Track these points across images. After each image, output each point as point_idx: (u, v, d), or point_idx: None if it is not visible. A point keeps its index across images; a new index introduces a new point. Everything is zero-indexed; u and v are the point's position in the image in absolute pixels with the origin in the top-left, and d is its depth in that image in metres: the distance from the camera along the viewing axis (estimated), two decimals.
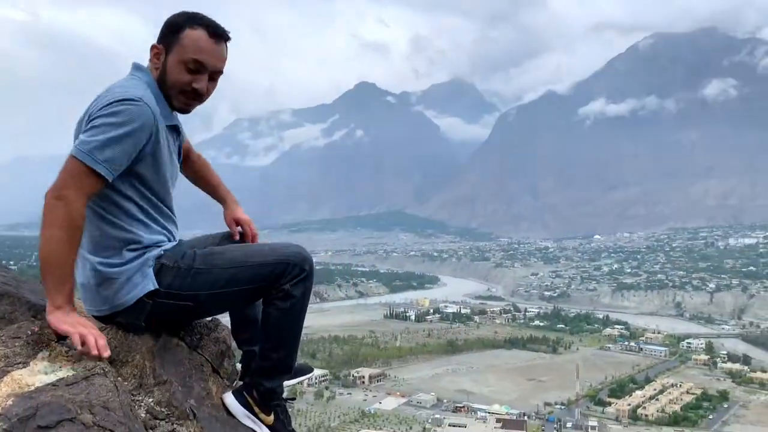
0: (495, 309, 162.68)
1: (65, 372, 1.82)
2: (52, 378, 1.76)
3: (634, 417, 78.98)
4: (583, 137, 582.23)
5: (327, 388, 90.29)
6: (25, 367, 1.80)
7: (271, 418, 2.25)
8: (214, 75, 2.28)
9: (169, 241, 2.33)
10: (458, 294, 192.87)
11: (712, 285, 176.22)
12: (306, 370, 2.50)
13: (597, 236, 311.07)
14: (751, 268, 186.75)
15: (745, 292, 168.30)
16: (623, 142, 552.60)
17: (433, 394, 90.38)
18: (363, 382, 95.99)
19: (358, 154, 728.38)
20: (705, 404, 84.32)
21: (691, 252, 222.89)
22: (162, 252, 2.27)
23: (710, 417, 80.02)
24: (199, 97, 2.27)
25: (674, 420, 76.43)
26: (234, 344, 2.77)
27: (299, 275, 2.21)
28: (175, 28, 2.22)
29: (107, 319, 2.27)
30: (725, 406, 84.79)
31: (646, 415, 78.87)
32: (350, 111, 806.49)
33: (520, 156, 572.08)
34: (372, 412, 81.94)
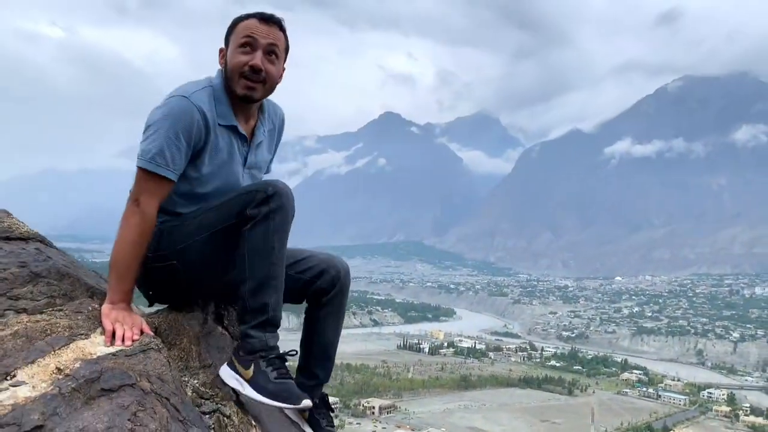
0: (511, 346, 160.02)
1: (120, 346, 1.96)
2: (109, 349, 1.90)
3: None
4: (608, 177, 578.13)
5: (336, 416, 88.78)
6: (86, 338, 1.93)
7: (250, 371, 2.16)
8: (271, 51, 2.34)
9: None
10: (474, 328, 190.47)
11: (736, 334, 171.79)
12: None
13: (618, 278, 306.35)
14: None
15: None
16: (649, 183, 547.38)
17: (443, 429, 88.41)
18: (373, 413, 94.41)
19: (380, 183, 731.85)
20: None
21: (715, 299, 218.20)
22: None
23: None
24: (257, 74, 2.31)
25: None
26: None
27: (261, 198, 2.16)
28: (231, 26, 2.38)
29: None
30: None
31: None
32: (374, 139, 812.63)
33: (543, 192, 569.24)
34: None
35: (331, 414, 2.60)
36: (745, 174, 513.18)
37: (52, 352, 1.75)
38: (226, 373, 2.19)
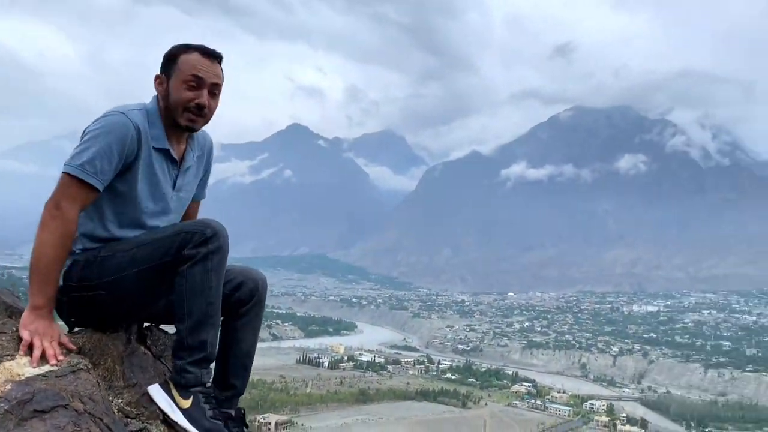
0: (409, 359, 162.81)
1: (49, 366, 1.95)
2: (38, 370, 1.89)
3: None
4: (504, 197, 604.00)
5: None
6: (13, 359, 1.92)
7: (188, 402, 2.19)
8: (213, 90, 2.46)
9: None
10: (374, 342, 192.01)
11: (615, 348, 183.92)
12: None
13: (511, 293, 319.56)
14: (652, 334, 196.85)
15: (645, 358, 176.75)
16: (541, 205, 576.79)
17: None
18: (269, 429, 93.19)
19: (285, 195, 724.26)
20: None
21: (598, 315, 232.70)
22: (80, 249, 2.37)
23: None
24: (201, 110, 2.45)
25: None
26: None
27: (199, 240, 2.20)
28: (172, 56, 2.45)
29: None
30: None
31: None
32: (280, 151, 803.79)
33: (444, 210, 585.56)
34: None
35: (246, 429, 2.62)
36: (627, 200, 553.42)
37: None
38: (158, 395, 2.20)
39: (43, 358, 2.03)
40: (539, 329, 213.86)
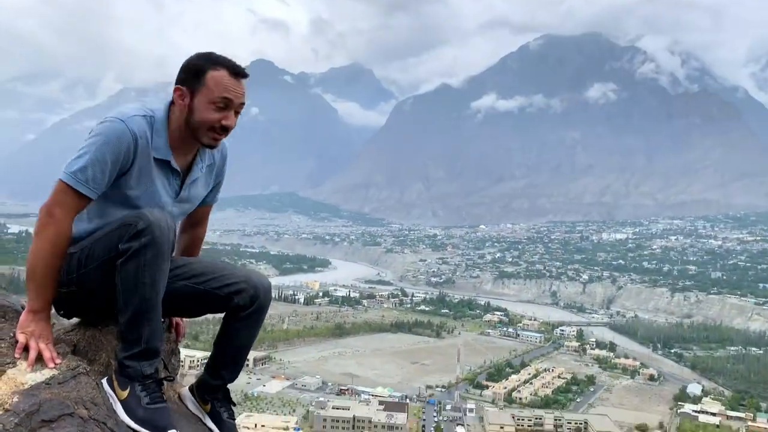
0: (383, 293, 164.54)
1: (50, 372, 1.99)
2: (40, 377, 1.92)
3: (509, 400, 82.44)
4: (474, 130, 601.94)
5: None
6: (14, 366, 1.95)
7: (125, 393, 2.22)
8: (239, 109, 2.45)
9: None
10: (348, 278, 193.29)
11: (585, 276, 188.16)
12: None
13: (482, 226, 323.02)
14: (620, 261, 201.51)
15: (614, 284, 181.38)
16: (511, 137, 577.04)
17: (318, 377, 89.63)
18: (247, 365, 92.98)
19: (253, 133, 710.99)
20: (574, 388, 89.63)
21: (568, 244, 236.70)
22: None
23: (578, 400, 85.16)
24: (226, 132, 2.44)
25: (545, 403, 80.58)
26: (181, 343, 2.97)
27: (132, 233, 2.19)
28: (197, 71, 2.38)
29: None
30: (591, 389, 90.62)
31: (521, 398, 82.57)
32: (246, 88, 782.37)
33: (415, 145, 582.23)
34: (255, 395, 79.93)
35: (232, 406, 2.70)
36: (596, 129, 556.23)
37: None
38: (106, 387, 2.24)
39: (40, 361, 2.09)
40: (510, 260, 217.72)
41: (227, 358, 2.60)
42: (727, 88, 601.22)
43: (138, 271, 2.19)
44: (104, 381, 2.25)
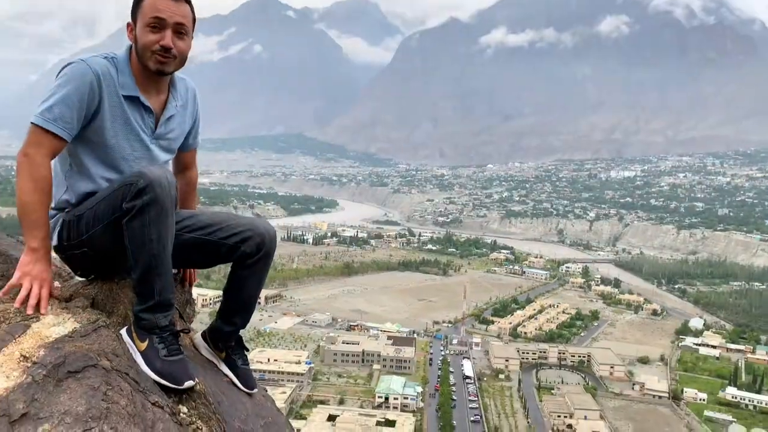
0: (391, 233, 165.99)
1: (71, 324, 2.08)
2: (63, 330, 2.01)
3: (514, 335, 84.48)
4: (484, 66, 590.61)
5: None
6: (38, 321, 2.05)
7: (144, 344, 2.30)
8: (179, 29, 2.41)
9: None
10: (356, 218, 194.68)
11: (592, 214, 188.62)
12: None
13: (490, 165, 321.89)
14: (628, 199, 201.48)
15: (620, 222, 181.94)
16: (521, 73, 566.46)
17: (328, 313, 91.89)
18: (259, 303, 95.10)
19: (257, 71, 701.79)
20: (578, 323, 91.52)
21: (576, 183, 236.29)
22: (69, 207, 2.51)
23: (582, 334, 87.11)
24: (167, 52, 2.39)
25: (550, 337, 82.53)
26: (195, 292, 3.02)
27: (133, 192, 2.25)
28: (136, 1, 2.44)
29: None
30: (596, 324, 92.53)
31: (525, 333, 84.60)
32: (248, 24, 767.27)
33: (422, 83, 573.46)
34: (268, 331, 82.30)
35: (246, 352, 2.79)
36: (608, 64, 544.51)
37: (14, 341, 1.86)
38: (125, 337, 2.32)
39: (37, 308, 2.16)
40: (518, 199, 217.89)
41: (238, 305, 2.68)
42: (744, 21, 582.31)
43: (144, 229, 2.26)
44: (123, 332, 2.35)
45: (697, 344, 78.53)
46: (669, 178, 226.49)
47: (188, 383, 2.22)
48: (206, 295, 77.98)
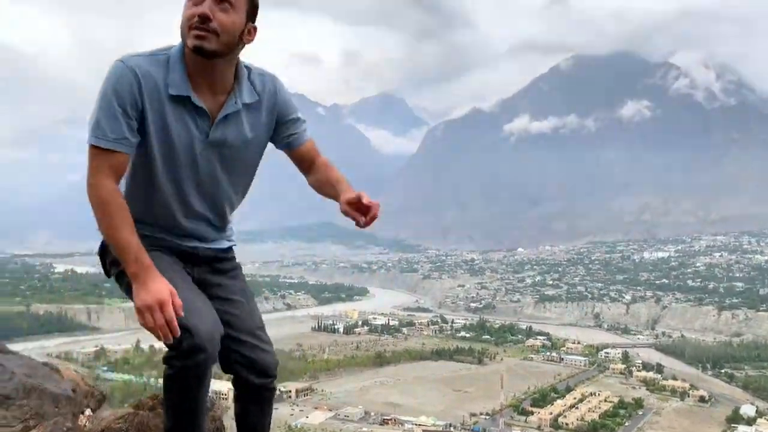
0: (423, 320, 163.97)
1: None
2: None
3: (555, 426, 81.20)
4: (508, 153, 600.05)
5: None
6: None
7: None
8: (221, 1, 2.02)
9: (155, 232, 2.27)
10: (387, 306, 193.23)
11: (628, 297, 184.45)
12: None
13: (521, 249, 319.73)
14: (664, 280, 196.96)
15: (658, 304, 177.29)
16: (546, 158, 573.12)
17: (360, 407, 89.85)
18: (290, 397, 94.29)
19: (289, 165, 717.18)
20: (621, 412, 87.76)
21: (609, 265, 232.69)
22: None
23: (626, 424, 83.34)
24: (206, 23, 2.00)
25: (593, 428, 79.13)
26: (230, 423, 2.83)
27: (175, 347, 2.03)
28: None
29: None
30: (640, 413, 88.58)
31: (567, 424, 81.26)
32: None
33: (448, 170, 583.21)
34: (299, 426, 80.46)
35: None
36: (632, 147, 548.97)
37: None
38: None
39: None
40: (551, 283, 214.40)
41: None
42: (765, 100, 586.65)
43: (182, 399, 2.15)
44: None
45: None
46: (705, 258, 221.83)
47: None
48: None
